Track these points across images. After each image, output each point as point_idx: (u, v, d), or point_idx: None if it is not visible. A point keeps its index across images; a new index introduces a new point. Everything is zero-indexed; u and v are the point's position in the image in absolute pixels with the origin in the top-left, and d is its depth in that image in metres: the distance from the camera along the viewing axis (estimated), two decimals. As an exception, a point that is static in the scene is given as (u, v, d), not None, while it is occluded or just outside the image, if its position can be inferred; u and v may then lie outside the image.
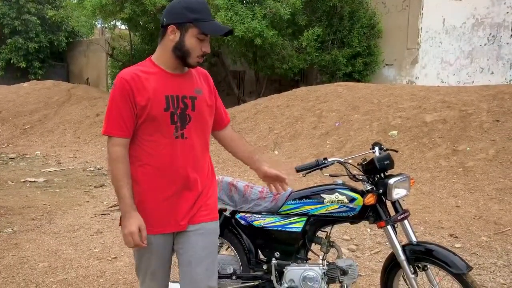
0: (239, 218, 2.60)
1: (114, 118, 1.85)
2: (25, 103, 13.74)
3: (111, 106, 1.85)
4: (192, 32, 1.85)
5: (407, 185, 2.41)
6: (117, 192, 1.86)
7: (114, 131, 1.85)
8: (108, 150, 1.88)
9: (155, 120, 1.86)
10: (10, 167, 8.17)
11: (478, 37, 10.71)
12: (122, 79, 1.84)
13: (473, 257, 3.79)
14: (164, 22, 1.87)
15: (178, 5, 1.85)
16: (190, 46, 1.86)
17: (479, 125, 6.70)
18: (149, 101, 1.83)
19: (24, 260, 3.83)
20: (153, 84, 1.86)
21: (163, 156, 1.89)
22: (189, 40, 1.85)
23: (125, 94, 1.83)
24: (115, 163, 1.85)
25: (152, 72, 1.88)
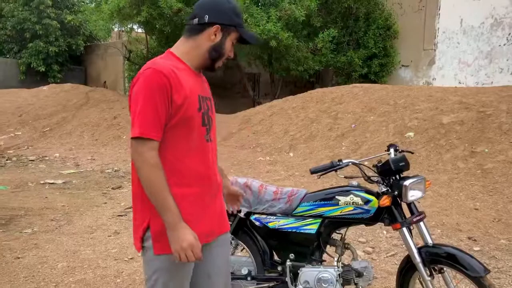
0: (254, 220, 2.61)
1: (151, 118, 1.59)
2: (44, 106, 14.00)
3: (146, 103, 1.59)
4: (232, 37, 1.77)
5: (423, 187, 2.39)
6: (161, 203, 1.60)
7: (152, 133, 1.60)
8: (141, 155, 1.59)
9: (190, 121, 1.68)
10: (30, 169, 8.34)
11: (497, 37, 10.55)
12: (160, 73, 1.60)
13: (492, 261, 3.73)
14: (206, 20, 1.72)
15: (227, 5, 1.74)
16: (226, 49, 1.77)
17: (498, 126, 6.59)
18: (186, 99, 1.65)
19: (44, 260, 3.91)
20: (187, 82, 1.69)
21: (197, 161, 1.73)
22: (228, 43, 1.77)
23: (163, 91, 1.60)
24: (155, 170, 1.59)
25: (181, 68, 1.71)
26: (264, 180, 6.36)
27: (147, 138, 1.59)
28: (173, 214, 1.60)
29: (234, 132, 9.73)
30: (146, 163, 1.59)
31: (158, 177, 1.60)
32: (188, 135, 1.69)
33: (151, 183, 1.60)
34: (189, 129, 1.69)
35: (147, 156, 1.59)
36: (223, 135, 9.71)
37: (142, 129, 1.59)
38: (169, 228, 1.61)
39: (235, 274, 2.63)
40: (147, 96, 1.60)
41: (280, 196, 2.55)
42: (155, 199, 1.60)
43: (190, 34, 1.76)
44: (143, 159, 1.59)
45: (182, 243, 1.60)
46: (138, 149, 1.60)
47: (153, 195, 1.61)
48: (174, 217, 1.61)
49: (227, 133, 9.82)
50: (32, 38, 19.61)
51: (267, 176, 6.78)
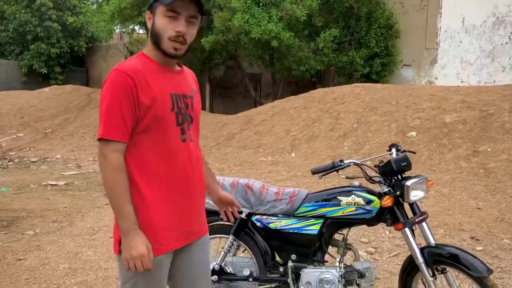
0: (255, 220, 2.60)
1: (115, 119, 1.56)
2: (46, 107, 14.03)
3: (110, 104, 1.56)
4: (160, 11, 1.62)
5: (425, 187, 2.38)
6: (118, 208, 1.57)
7: (115, 134, 1.57)
8: (104, 156, 1.57)
9: (161, 122, 1.63)
10: (32, 170, 8.35)
11: (499, 36, 10.51)
12: (124, 74, 1.57)
13: (495, 260, 3.71)
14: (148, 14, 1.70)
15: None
16: (160, 26, 1.62)
17: (501, 125, 6.57)
18: (155, 100, 1.60)
19: (46, 262, 3.90)
20: (156, 81, 1.63)
21: (171, 163, 1.67)
22: (159, 20, 1.63)
23: (128, 92, 1.56)
24: (116, 173, 1.56)
25: (151, 67, 1.65)
26: (266, 181, 6.35)
27: (110, 139, 1.57)
28: (128, 220, 1.56)
29: (236, 133, 9.72)
30: (107, 165, 1.56)
31: (118, 180, 1.57)
32: (160, 136, 1.64)
33: (110, 186, 1.57)
34: (160, 130, 1.64)
35: (110, 157, 1.56)
36: (226, 136, 9.71)
37: (105, 131, 1.57)
38: (122, 234, 1.58)
39: (237, 276, 2.62)
40: (111, 98, 1.57)
41: (281, 196, 2.54)
42: (113, 202, 1.57)
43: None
44: (105, 161, 1.57)
45: (132, 252, 1.55)
46: (102, 151, 1.58)
47: (111, 198, 1.58)
48: (129, 224, 1.56)
49: (229, 133, 9.81)
50: (33, 40, 19.66)
51: (269, 177, 6.77)
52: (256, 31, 10.29)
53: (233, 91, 16.28)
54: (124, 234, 1.57)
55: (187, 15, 1.64)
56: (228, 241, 2.64)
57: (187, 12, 1.63)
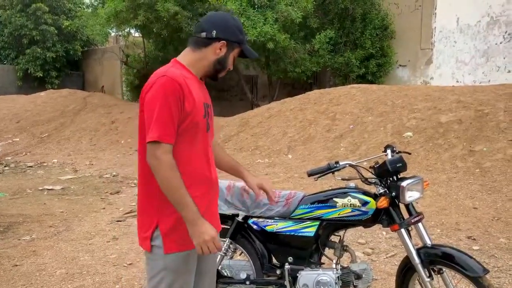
0: (252, 223, 2.60)
1: (167, 123, 1.71)
2: (42, 112, 14.00)
3: (163, 109, 1.70)
4: (235, 52, 1.91)
5: (421, 188, 2.39)
6: (180, 200, 1.71)
7: (168, 138, 1.72)
8: (158, 158, 1.70)
9: (197, 127, 1.81)
10: (28, 175, 8.32)
11: (494, 36, 10.56)
12: (175, 81, 1.73)
13: (491, 260, 3.72)
14: (213, 35, 1.84)
15: (233, 23, 1.89)
16: (229, 63, 1.91)
17: (496, 124, 6.59)
18: (194, 107, 1.78)
19: (42, 267, 3.89)
20: (195, 90, 1.81)
21: (200, 164, 1.85)
22: (231, 58, 1.91)
23: (178, 98, 1.72)
24: (172, 171, 1.71)
25: (189, 77, 1.83)
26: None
27: (164, 142, 1.71)
28: (192, 210, 1.71)
29: (233, 135, 9.72)
30: (163, 165, 1.70)
31: (176, 177, 1.71)
32: (194, 140, 1.82)
33: (169, 183, 1.71)
34: (195, 134, 1.81)
35: (164, 158, 1.70)
36: (222, 138, 9.71)
37: (160, 134, 1.70)
38: (190, 223, 1.72)
39: (234, 279, 2.62)
40: (163, 103, 1.71)
41: (278, 199, 2.54)
42: (174, 197, 1.71)
43: (197, 46, 1.87)
44: (161, 161, 1.70)
45: (205, 236, 1.70)
46: (156, 153, 1.71)
47: (172, 194, 1.71)
48: (193, 213, 1.71)
49: (225, 135, 9.81)
50: (29, 44, 19.63)
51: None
52: (251, 33, 10.30)
53: (229, 94, 16.29)
54: (191, 223, 1.72)
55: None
56: (225, 244, 2.64)
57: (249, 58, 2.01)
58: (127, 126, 12.06)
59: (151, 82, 1.76)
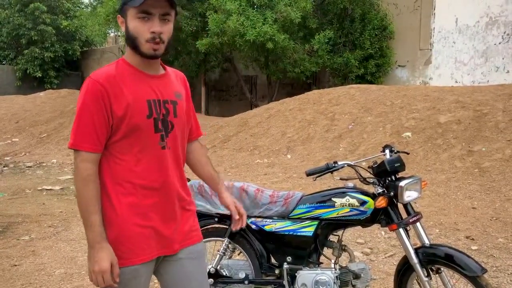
0: (251, 223, 2.60)
1: (85, 129, 1.55)
2: (41, 112, 13.99)
3: (81, 114, 1.55)
4: (131, 14, 1.58)
5: (419, 187, 2.39)
6: (85, 218, 1.55)
7: (85, 144, 1.55)
8: (76, 166, 1.57)
9: (138, 130, 1.59)
10: (27, 175, 8.32)
11: (492, 36, 10.58)
12: (96, 83, 1.55)
13: (490, 259, 3.73)
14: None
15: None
16: (134, 30, 1.58)
17: (495, 125, 6.60)
18: (129, 108, 1.57)
19: (41, 267, 3.89)
20: (132, 88, 1.60)
21: (150, 172, 1.63)
22: (131, 23, 1.59)
23: (99, 101, 1.54)
24: (85, 183, 1.54)
25: (127, 74, 1.62)
26: (262, 183, 6.36)
27: (79, 149, 1.55)
28: (95, 232, 1.54)
29: (232, 135, 9.73)
30: (78, 174, 1.56)
31: (88, 190, 1.55)
32: (137, 144, 1.60)
33: (80, 196, 1.56)
34: (137, 137, 1.60)
35: (80, 167, 1.55)
36: (221, 138, 9.71)
37: (75, 140, 1.56)
38: (89, 245, 1.56)
39: (232, 278, 2.62)
40: (83, 107, 1.56)
41: (276, 199, 2.55)
42: (81, 212, 1.56)
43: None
44: (77, 170, 1.56)
45: (95, 266, 1.54)
46: (75, 160, 1.57)
47: (79, 208, 1.56)
48: (95, 236, 1.54)
49: (224, 136, 9.82)
50: (27, 44, 19.62)
51: (265, 179, 6.77)
52: (251, 33, 10.31)
53: (228, 94, 16.30)
54: (90, 245, 1.56)
55: (160, 13, 1.58)
56: (224, 244, 2.64)
57: (160, 11, 1.58)
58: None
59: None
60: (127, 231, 1.61)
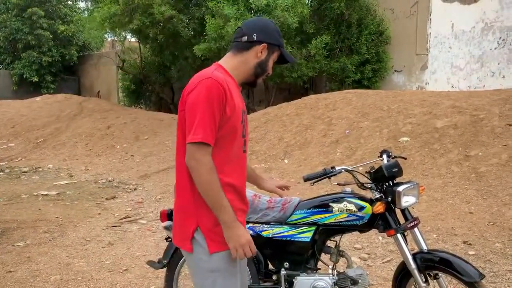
0: (248, 229, 2.58)
1: (210, 125, 1.72)
2: (37, 117, 13.94)
3: (206, 110, 1.71)
4: (274, 55, 1.93)
5: (416, 193, 2.39)
6: (218, 203, 1.72)
7: (211, 139, 1.72)
8: (198, 159, 1.71)
9: (235, 132, 1.82)
10: (23, 180, 8.27)
11: (488, 41, 10.63)
12: (219, 84, 1.74)
13: (487, 265, 3.73)
14: (254, 38, 1.87)
15: (272, 26, 1.93)
16: (268, 66, 1.93)
17: (491, 129, 6.62)
18: (234, 111, 1.79)
19: (37, 273, 3.86)
20: (235, 95, 1.83)
21: (235, 169, 1.85)
22: (271, 61, 1.93)
23: (221, 101, 1.73)
24: (211, 173, 1.71)
25: (230, 82, 1.84)
26: (258, 189, 6.34)
27: (206, 143, 1.71)
28: (229, 213, 1.72)
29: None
30: (204, 167, 1.70)
31: (214, 179, 1.71)
32: (231, 145, 1.81)
33: (209, 185, 1.71)
34: (232, 139, 1.81)
35: (205, 160, 1.71)
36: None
37: (203, 136, 1.70)
38: (226, 226, 1.73)
39: (229, 284, 2.61)
40: (207, 105, 1.71)
41: (273, 204, 2.54)
42: (212, 200, 1.72)
43: (239, 51, 1.90)
44: (202, 163, 1.71)
45: (241, 240, 1.72)
46: (196, 154, 1.71)
47: (210, 195, 1.72)
48: (230, 216, 1.72)
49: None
50: (24, 49, 19.59)
51: (262, 184, 6.75)
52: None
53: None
54: (228, 226, 1.73)
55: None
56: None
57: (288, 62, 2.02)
58: (123, 131, 12.03)
59: (195, 82, 1.77)
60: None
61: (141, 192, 7.04)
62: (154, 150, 10.23)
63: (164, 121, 12.47)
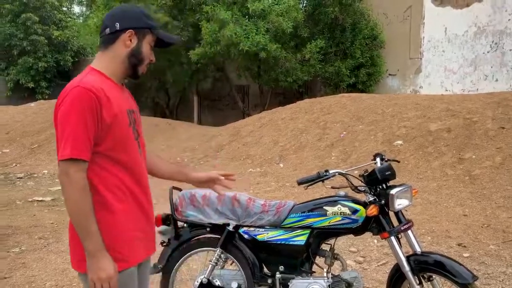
0: (243, 233, 2.60)
1: (82, 139, 1.55)
2: (32, 123, 13.89)
3: (77, 123, 1.54)
4: (148, 39, 1.74)
5: (409, 195, 2.41)
6: (85, 229, 1.54)
7: (83, 154, 1.55)
8: (70, 176, 1.54)
9: (123, 138, 1.67)
10: (18, 186, 8.24)
11: (481, 45, 10.73)
12: (90, 92, 1.56)
13: (481, 266, 3.75)
14: (117, 27, 1.68)
15: (135, 9, 1.76)
16: (145, 53, 1.74)
17: (484, 132, 6.67)
18: (116, 117, 1.63)
19: (32, 280, 3.84)
20: (115, 98, 1.66)
21: (133, 176, 1.70)
22: (146, 46, 1.74)
23: (94, 109, 1.56)
24: (83, 193, 1.54)
25: (108, 84, 1.67)
26: (254, 192, 6.35)
27: (78, 159, 1.55)
28: (96, 241, 1.55)
29: (224, 144, 9.73)
30: (74, 185, 1.54)
31: (85, 201, 1.55)
32: (123, 152, 1.67)
33: (77, 207, 1.54)
34: (124, 148, 1.67)
35: (76, 177, 1.54)
36: (214, 147, 9.71)
37: (73, 151, 1.54)
38: (89, 255, 1.56)
39: (225, 288, 2.61)
40: (77, 116, 1.55)
41: (268, 208, 2.55)
42: (79, 223, 1.55)
43: (105, 46, 1.72)
44: (72, 181, 1.54)
45: (100, 274, 1.55)
46: (67, 170, 1.54)
47: (77, 218, 1.55)
48: (96, 244, 1.55)
49: (217, 145, 9.81)
50: (20, 54, 19.53)
51: (257, 188, 6.77)
52: (245, 42, 10.36)
53: (221, 103, 16.31)
54: (91, 255, 1.56)
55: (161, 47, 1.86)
56: (216, 254, 2.64)
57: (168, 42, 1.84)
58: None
59: (64, 94, 1.59)
60: (125, 232, 1.67)
61: (136, 197, 7.02)
62: (149, 155, 10.21)
63: (159, 126, 12.46)
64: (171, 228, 2.67)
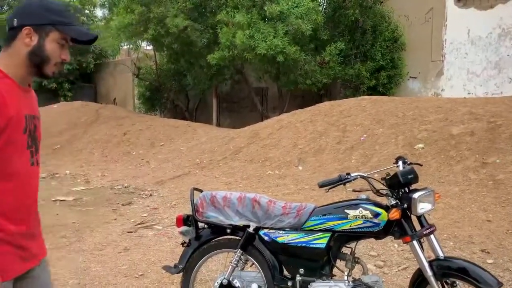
0: (263, 235, 2.60)
1: None
2: (55, 124, 14.18)
3: None
4: (52, 36, 1.58)
5: (432, 199, 2.38)
6: None
7: None
8: None
9: (13, 144, 1.53)
10: (41, 186, 8.38)
11: (505, 47, 10.51)
12: None
13: (506, 273, 3.67)
14: (14, 24, 1.56)
15: (35, 3, 1.59)
16: (50, 52, 1.59)
17: (509, 136, 6.53)
18: (10, 121, 1.50)
19: (55, 277, 3.91)
20: (13, 100, 1.53)
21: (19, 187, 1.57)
22: (50, 45, 1.58)
23: None
24: None
25: (8, 85, 1.54)
26: (273, 194, 6.35)
27: None
28: None
29: (243, 146, 9.74)
30: None
31: None
32: (10, 160, 1.53)
33: None
34: (11, 152, 1.53)
35: None
36: (233, 150, 9.74)
37: None
38: None
39: (245, 290, 2.62)
40: None
41: (289, 211, 2.55)
42: None
43: (7, 43, 1.59)
44: None
45: None
46: None
47: None
48: None
49: (236, 147, 9.84)
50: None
51: (276, 190, 6.76)
52: (261, 46, 10.38)
53: (239, 105, 16.36)
54: None
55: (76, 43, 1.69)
56: (236, 255, 2.65)
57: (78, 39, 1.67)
58: (138, 137, 12.16)
59: None
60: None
61: (156, 198, 7.10)
62: (169, 156, 10.31)
63: (179, 128, 12.56)
64: (192, 229, 2.70)
